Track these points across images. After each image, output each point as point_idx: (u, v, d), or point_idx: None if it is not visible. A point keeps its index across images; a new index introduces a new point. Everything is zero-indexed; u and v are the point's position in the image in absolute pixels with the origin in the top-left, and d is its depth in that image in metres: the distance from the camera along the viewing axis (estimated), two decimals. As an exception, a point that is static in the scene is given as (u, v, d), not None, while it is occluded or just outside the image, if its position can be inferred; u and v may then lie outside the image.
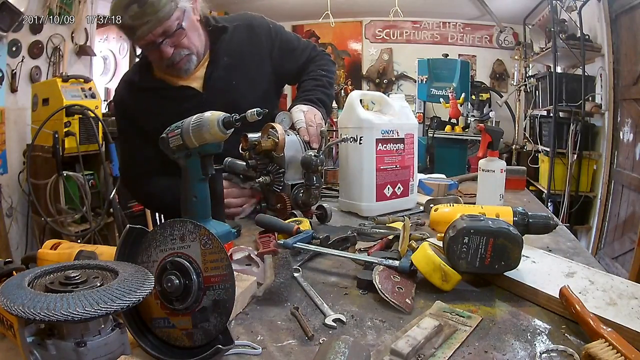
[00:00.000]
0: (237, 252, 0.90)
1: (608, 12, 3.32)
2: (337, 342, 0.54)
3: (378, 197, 1.29)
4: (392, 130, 1.31)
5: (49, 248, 0.81)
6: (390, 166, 1.31)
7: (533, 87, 4.52)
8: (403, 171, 1.35)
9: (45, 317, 0.46)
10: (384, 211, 1.29)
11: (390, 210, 1.32)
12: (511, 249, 0.76)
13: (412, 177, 1.38)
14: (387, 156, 1.30)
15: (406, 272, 0.81)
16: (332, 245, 0.98)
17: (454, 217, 0.84)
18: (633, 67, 3.07)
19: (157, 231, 0.62)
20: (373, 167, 1.28)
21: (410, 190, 1.38)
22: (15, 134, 3.12)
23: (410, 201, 1.39)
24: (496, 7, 5.11)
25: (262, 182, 1.22)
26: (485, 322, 0.68)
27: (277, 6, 5.34)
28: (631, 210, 3.04)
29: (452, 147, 4.31)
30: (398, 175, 1.34)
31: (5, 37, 2.93)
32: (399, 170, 1.34)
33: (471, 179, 1.90)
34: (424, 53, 5.21)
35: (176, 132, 0.78)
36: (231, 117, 0.73)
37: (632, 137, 3.11)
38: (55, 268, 0.57)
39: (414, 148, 1.38)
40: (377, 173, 1.29)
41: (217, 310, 0.57)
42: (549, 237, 1.06)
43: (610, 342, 0.56)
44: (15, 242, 3.07)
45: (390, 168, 1.31)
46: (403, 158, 1.34)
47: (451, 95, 4.22)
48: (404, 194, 1.36)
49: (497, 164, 1.33)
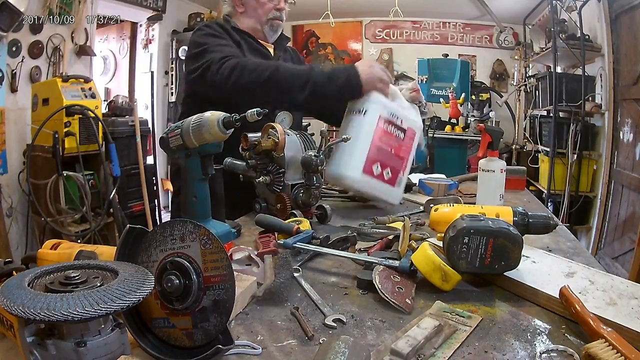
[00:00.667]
0: (237, 252, 0.90)
1: (608, 12, 3.32)
2: (337, 342, 0.54)
3: (365, 169, 1.27)
4: (398, 117, 1.32)
5: (49, 248, 0.81)
6: (386, 147, 1.31)
7: (533, 87, 4.51)
8: (396, 159, 1.34)
9: (45, 317, 0.46)
10: (366, 189, 1.30)
11: (370, 190, 1.32)
12: (511, 249, 0.76)
13: (403, 171, 1.37)
14: (386, 136, 1.31)
15: (406, 272, 0.81)
16: (332, 245, 0.98)
17: (454, 217, 0.84)
18: (633, 67, 3.07)
19: (157, 231, 0.62)
20: (369, 139, 1.27)
21: (398, 182, 1.36)
22: (15, 134, 3.11)
23: (394, 193, 1.36)
24: (496, 7, 5.11)
25: (262, 182, 1.22)
26: (485, 322, 0.68)
27: (277, 6, 5.34)
28: (631, 210, 3.04)
29: (452, 147, 4.30)
30: (391, 159, 1.33)
31: (5, 37, 2.93)
32: (393, 156, 1.33)
33: (471, 179, 1.90)
34: (424, 53, 5.21)
35: (176, 132, 0.79)
36: (231, 117, 0.73)
37: (632, 137, 3.11)
38: (55, 268, 0.57)
39: (412, 146, 1.38)
40: (372, 145, 1.28)
41: (217, 310, 0.57)
42: (549, 237, 1.06)
43: (610, 342, 0.56)
44: (15, 242, 3.07)
45: (385, 148, 1.31)
46: (400, 147, 1.34)
47: (451, 95, 4.21)
48: (391, 182, 1.34)
49: (497, 164, 1.33)
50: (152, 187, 3.58)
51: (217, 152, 0.79)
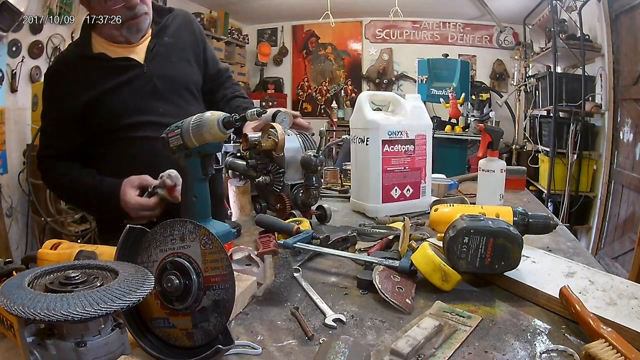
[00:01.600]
0: (237, 252, 0.90)
1: (608, 12, 3.32)
2: (337, 342, 0.54)
3: (384, 198, 1.29)
4: (401, 132, 1.30)
5: (49, 248, 0.81)
6: (398, 168, 1.31)
7: (533, 87, 4.51)
8: (413, 173, 1.34)
9: (45, 317, 0.46)
10: (391, 212, 1.28)
11: (398, 212, 1.30)
12: (511, 249, 0.76)
13: (423, 179, 1.36)
14: (395, 157, 1.30)
15: (406, 272, 0.81)
16: (332, 245, 0.98)
17: (454, 217, 0.84)
18: (633, 67, 3.07)
19: (157, 231, 0.62)
20: (379, 169, 1.28)
21: (422, 192, 1.36)
22: (15, 134, 3.12)
23: (421, 203, 1.36)
24: (496, 7, 5.11)
25: (262, 181, 1.22)
26: (485, 322, 0.68)
27: (277, 6, 5.35)
28: (631, 210, 3.04)
29: (452, 147, 4.29)
30: (407, 177, 1.33)
31: (5, 37, 2.93)
32: (408, 172, 1.33)
33: (471, 179, 1.90)
34: (424, 53, 5.21)
35: (176, 132, 0.78)
36: (231, 117, 0.73)
37: (632, 137, 3.11)
38: (55, 268, 0.57)
39: (426, 149, 1.36)
40: (384, 174, 1.28)
41: (217, 310, 0.57)
42: (549, 237, 1.06)
43: (610, 342, 0.56)
44: (15, 242, 3.07)
45: (398, 170, 1.31)
46: (413, 160, 1.33)
47: (451, 95, 4.21)
48: (414, 196, 1.35)
49: (497, 164, 1.33)
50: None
51: (217, 152, 0.79)
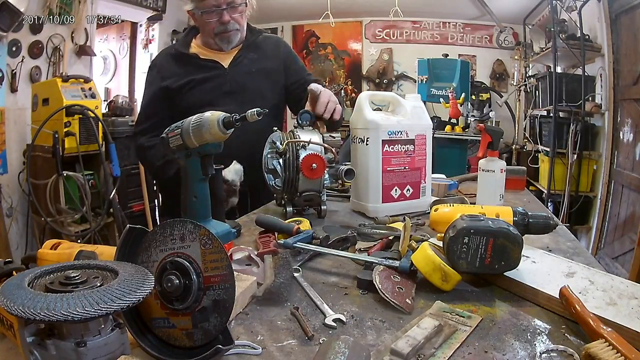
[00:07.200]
0: (237, 252, 0.90)
1: (608, 12, 3.31)
2: (337, 342, 0.54)
3: (384, 198, 1.29)
4: (401, 132, 1.30)
5: (49, 248, 0.81)
6: (398, 168, 1.31)
7: (533, 87, 4.51)
8: (413, 173, 1.34)
9: (45, 317, 0.46)
10: (391, 212, 1.28)
11: (399, 212, 1.30)
12: (511, 249, 0.76)
13: (423, 179, 1.36)
14: (394, 157, 1.30)
15: (406, 272, 0.81)
16: (332, 245, 0.98)
17: (454, 217, 0.84)
18: (633, 67, 3.07)
19: (157, 231, 0.62)
20: (379, 168, 1.28)
21: (422, 192, 1.36)
22: (15, 134, 3.11)
23: (421, 203, 1.36)
24: (496, 7, 5.10)
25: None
26: (485, 322, 0.68)
27: (277, 6, 5.34)
28: (631, 210, 3.04)
29: (452, 147, 4.29)
30: (407, 177, 1.33)
31: (5, 37, 2.93)
32: (408, 172, 1.33)
33: (471, 179, 1.90)
34: (424, 53, 5.20)
35: (176, 132, 0.78)
36: (231, 117, 0.73)
37: (632, 137, 3.11)
38: (55, 268, 0.57)
39: (426, 149, 1.36)
40: (384, 174, 1.28)
41: (217, 310, 0.57)
42: (549, 237, 1.06)
43: (610, 342, 0.56)
44: (15, 242, 3.07)
45: (398, 170, 1.31)
46: (413, 160, 1.33)
47: (451, 95, 4.21)
48: (414, 196, 1.35)
49: (497, 164, 1.33)
50: (152, 187, 3.58)
51: (217, 152, 0.79)
